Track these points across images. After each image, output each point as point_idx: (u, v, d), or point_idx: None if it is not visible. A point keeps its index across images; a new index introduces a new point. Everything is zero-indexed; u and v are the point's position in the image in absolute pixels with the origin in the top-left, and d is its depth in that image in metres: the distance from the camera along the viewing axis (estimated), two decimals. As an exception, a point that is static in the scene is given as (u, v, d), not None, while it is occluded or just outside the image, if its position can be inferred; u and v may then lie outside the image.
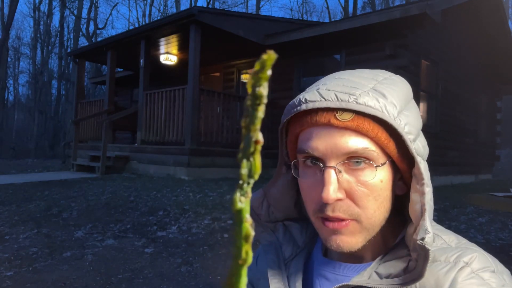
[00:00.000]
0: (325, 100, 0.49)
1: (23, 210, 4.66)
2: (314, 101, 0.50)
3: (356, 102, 0.47)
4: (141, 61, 8.07)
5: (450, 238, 0.53)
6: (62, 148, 11.78)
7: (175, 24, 7.24)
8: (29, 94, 34.68)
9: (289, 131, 0.57)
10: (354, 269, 0.56)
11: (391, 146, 0.49)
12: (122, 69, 11.46)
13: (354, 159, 0.49)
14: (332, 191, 0.48)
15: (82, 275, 2.86)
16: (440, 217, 4.44)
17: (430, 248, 0.46)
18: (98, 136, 8.80)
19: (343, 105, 0.48)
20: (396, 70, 6.53)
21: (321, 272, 0.59)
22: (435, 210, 4.71)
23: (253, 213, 0.64)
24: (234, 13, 8.58)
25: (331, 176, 0.49)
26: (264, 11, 58.91)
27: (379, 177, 0.50)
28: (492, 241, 3.62)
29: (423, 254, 0.47)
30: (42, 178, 7.13)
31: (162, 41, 8.32)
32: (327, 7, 36.51)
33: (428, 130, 7.46)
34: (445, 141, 8.03)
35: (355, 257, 0.57)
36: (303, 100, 0.51)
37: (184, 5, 36.79)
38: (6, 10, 23.45)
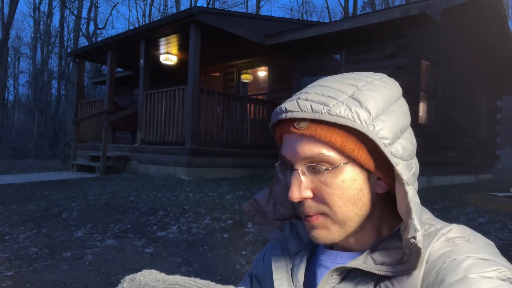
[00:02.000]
0: (301, 111, 0.53)
1: (23, 210, 4.65)
2: (292, 111, 0.54)
3: (329, 113, 0.51)
4: (141, 61, 8.07)
5: (441, 224, 0.58)
6: (62, 148, 11.78)
7: (175, 24, 7.24)
8: (29, 94, 34.71)
9: (276, 134, 0.61)
10: (352, 257, 0.59)
11: (361, 151, 0.53)
12: (122, 69, 11.46)
13: (311, 164, 0.54)
14: (295, 191, 0.54)
15: (82, 275, 2.86)
16: (440, 217, 4.41)
17: (421, 246, 0.48)
18: (98, 136, 8.80)
19: (317, 116, 0.52)
20: (396, 70, 6.53)
21: (322, 262, 0.63)
22: (435, 210, 4.71)
23: (261, 212, 0.69)
24: (234, 13, 8.58)
25: (295, 177, 0.55)
26: (264, 11, 58.92)
27: (341, 178, 0.54)
28: (492, 241, 3.61)
29: (415, 250, 0.49)
30: (42, 178, 7.13)
31: (162, 41, 8.32)
32: (327, 7, 36.56)
33: (428, 130, 7.46)
34: (445, 141, 8.03)
35: (354, 248, 0.60)
36: (284, 109, 0.55)
37: (184, 5, 36.80)
38: (6, 10, 23.46)
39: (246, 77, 9.51)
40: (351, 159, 0.53)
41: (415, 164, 0.57)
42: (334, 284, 0.56)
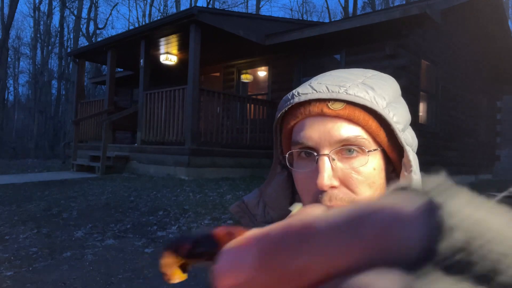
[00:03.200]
0: (317, 92, 0.51)
1: (23, 210, 4.65)
2: (306, 93, 0.52)
3: (346, 93, 0.50)
4: (141, 61, 8.07)
5: None
6: (62, 148, 11.78)
7: (175, 24, 7.24)
8: (29, 94, 34.70)
9: (283, 127, 0.58)
10: None
11: (382, 135, 0.51)
12: (122, 69, 11.46)
13: (347, 147, 0.51)
14: (326, 177, 0.49)
15: (82, 275, 2.86)
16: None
17: None
18: (98, 136, 8.79)
19: (334, 95, 0.50)
20: (396, 70, 6.53)
21: None
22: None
23: (249, 214, 0.65)
24: (234, 13, 8.58)
25: (325, 163, 0.50)
26: (264, 11, 58.87)
27: (372, 165, 0.51)
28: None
29: None
30: (42, 178, 7.13)
31: (162, 41, 8.32)
32: (327, 7, 36.55)
33: (428, 130, 7.46)
34: (445, 141, 8.03)
35: None
36: (296, 94, 0.53)
37: (184, 5, 36.78)
38: (6, 10, 23.46)
39: (246, 77, 9.51)
40: (380, 147, 0.52)
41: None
42: None
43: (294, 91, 0.54)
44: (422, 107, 7.44)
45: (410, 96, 6.61)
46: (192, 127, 6.87)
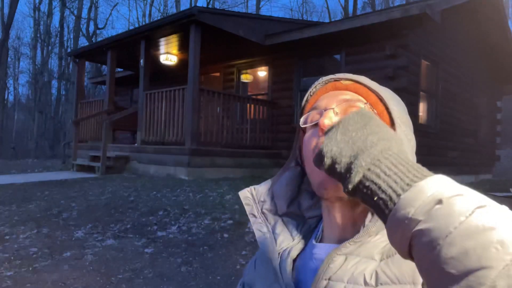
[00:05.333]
0: (336, 76, 0.64)
1: (23, 210, 4.66)
2: (331, 76, 0.65)
3: (360, 81, 0.63)
4: (141, 61, 8.07)
5: None
6: (62, 148, 11.78)
7: (175, 24, 7.24)
8: (29, 94, 34.69)
9: (309, 103, 0.68)
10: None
11: (384, 117, 0.60)
12: (122, 69, 11.46)
13: (350, 104, 0.60)
14: (327, 118, 0.58)
15: (82, 275, 2.86)
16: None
17: None
18: (98, 136, 8.79)
19: (354, 77, 0.63)
20: (396, 70, 6.53)
21: (316, 256, 0.62)
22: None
23: (255, 203, 0.71)
24: (234, 13, 8.58)
25: (329, 112, 0.59)
26: (264, 11, 58.76)
27: None
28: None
29: None
30: (42, 178, 7.13)
31: (162, 41, 8.32)
32: (327, 7, 36.57)
33: (428, 130, 7.46)
34: (445, 141, 8.03)
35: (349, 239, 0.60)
36: (321, 78, 0.66)
37: (184, 5, 36.70)
38: (6, 10, 23.46)
39: (246, 77, 9.51)
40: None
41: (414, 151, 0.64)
42: (339, 260, 0.56)
43: (329, 76, 0.66)
44: (422, 107, 7.44)
45: (410, 96, 6.60)
46: (192, 127, 6.87)
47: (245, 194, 0.71)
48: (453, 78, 8.34)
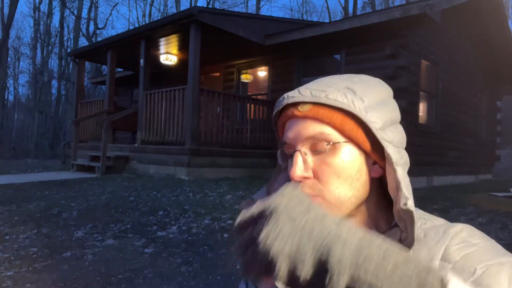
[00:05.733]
0: (302, 96, 0.58)
1: (23, 210, 4.66)
2: (294, 97, 0.59)
3: (326, 97, 0.56)
4: (141, 61, 8.07)
5: (439, 221, 0.60)
6: (62, 148, 11.78)
7: (175, 24, 7.24)
8: (29, 94, 34.69)
9: (278, 124, 0.65)
10: None
11: (358, 133, 0.56)
12: (122, 69, 11.47)
13: (315, 142, 0.57)
14: (297, 169, 0.56)
15: (82, 275, 2.86)
16: (440, 217, 4.43)
17: (413, 209, 0.51)
18: (98, 136, 8.80)
19: (316, 99, 0.57)
20: (396, 70, 6.53)
21: None
22: (435, 210, 4.71)
23: None
24: (234, 13, 8.58)
25: (297, 157, 0.57)
26: (264, 11, 58.77)
27: (341, 157, 0.57)
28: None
29: (409, 218, 0.52)
30: (42, 178, 7.13)
31: (162, 41, 8.32)
32: (327, 7, 36.58)
33: (428, 130, 7.46)
34: (445, 141, 8.03)
35: None
36: (286, 97, 0.60)
37: (184, 5, 36.72)
38: (6, 10, 23.46)
39: (246, 77, 9.51)
40: (350, 140, 0.57)
41: (405, 155, 0.60)
42: None
43: (286, 94, 0.61)
44: (422, 107, 7.43)
45: (410, 96, 6.60)
46: (192, 127, 6.87)
47: (245, 206, 0.69)
48: (453, 78, 8.34)
